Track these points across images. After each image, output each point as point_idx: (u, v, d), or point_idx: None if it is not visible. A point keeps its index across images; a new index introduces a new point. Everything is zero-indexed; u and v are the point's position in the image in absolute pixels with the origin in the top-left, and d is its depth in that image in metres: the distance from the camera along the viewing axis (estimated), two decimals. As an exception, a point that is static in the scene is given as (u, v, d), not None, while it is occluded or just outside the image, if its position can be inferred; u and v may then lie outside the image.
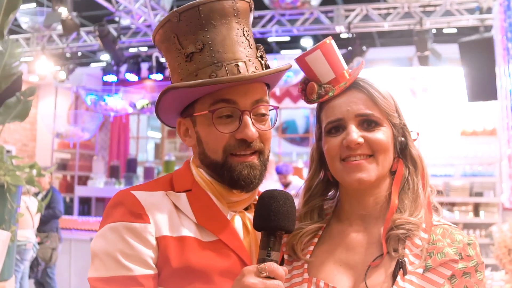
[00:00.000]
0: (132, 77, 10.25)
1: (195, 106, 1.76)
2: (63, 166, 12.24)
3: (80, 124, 11.08)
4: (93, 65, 14.81)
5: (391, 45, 12.55)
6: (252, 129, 1.68)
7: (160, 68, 10.33)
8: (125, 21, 9.66)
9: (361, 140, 1.67)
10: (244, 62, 1.70)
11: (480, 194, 10.15)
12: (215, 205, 1.75)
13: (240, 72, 1.68)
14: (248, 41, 1.75)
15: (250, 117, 1.69)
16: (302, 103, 12.15)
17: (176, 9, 1.73)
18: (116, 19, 9.00)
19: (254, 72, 1.71)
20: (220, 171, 1.73)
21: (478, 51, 7.94)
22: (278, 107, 1.84)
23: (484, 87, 7.88)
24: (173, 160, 11.51)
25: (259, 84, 1.75)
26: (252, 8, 1.81)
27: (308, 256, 1.73)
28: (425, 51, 9.02)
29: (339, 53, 1.78)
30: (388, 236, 1.64)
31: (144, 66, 10.61)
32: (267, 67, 1.80)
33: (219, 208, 1.75)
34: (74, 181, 12.17)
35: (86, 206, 12.41)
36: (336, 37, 11.82)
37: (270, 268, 1.46)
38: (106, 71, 10.46)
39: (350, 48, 9.59)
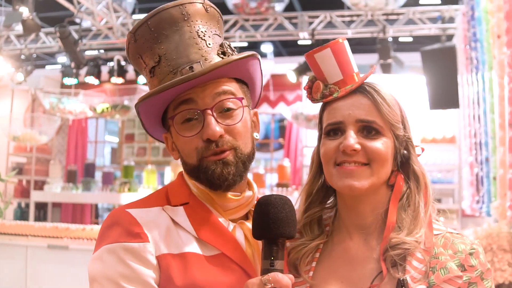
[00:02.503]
0: (92, 80, 10.05)
1: (167, 117, 1.73)
2: (18, 170, 11.92)
3: (37, 127, 10.79)
4: (49, 67, 14.50)
5: (353, 52, 12.63)
6: (214, 128, 1.62)
7: (121, 72, 10.16)
8: (85, 23, 9.46)
9: (357, 146, 1.61)
10: (199, 62, 1.64)
11: (439, 201, 10.23)
12: (215, 217, 1.68)
13: (193, 72, 1.61)
14: (205, 41, 1.70)
15: (213, 114, 1.63)
16: (263, 108, 12.19)
17: (130, 30, 1.72)
18: (77, 20, 8.79)
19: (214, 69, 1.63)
20: (197, 174, 1.68)
21: (440, 60, 8.04)
22: (243, 98, 1.74)
23: (445, 95, 7.98)
24: (132, 165, 11.31)
25: (222, 79, 1.69)
26: (208, 8, 1.75)
27: (311, 273, 1.66)
28: (387, 59, 9.10)
29: (350, 54, 1.71)
30: (385, 256, 1.57)
31: (105, 69, 10.42)
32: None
33: (219, 220, 1.68)
34: (30, 186, 11.86)
35: (42, 211, 12.09)
36: (294, 43, 11.85)
37: (275, 279, 1.39)
38: (65, 73, 10.23)
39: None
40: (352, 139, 1.61)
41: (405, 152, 1.70)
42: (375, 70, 1.76)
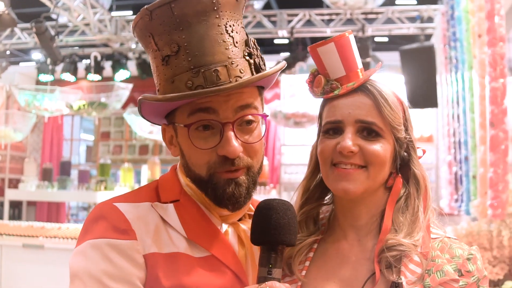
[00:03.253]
0: (68, 77, 9.90)
1: (175, 114, 1.59)
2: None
3: (11, 125, 10.61)
4: (23, 64, 14.29)
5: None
6: (234, 144, 1.51)
7: (98, 69, 10.03)
8: (62, 19, 9.33)
9: (355, 148, 1.56)
10: (225, 66, 1.50)
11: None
12: (206, 217, 1.61)
13: (220, 79, 1.48)
14: (233, 38, 1.55)
15: (233, 129, 1.52)
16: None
17: (146, 6, 1.54)
18: (54, 16, 8.66)
19: (239, 76, 1.51)
20: (204, 187, 1.58)
21: (419, 59, 8.07)
22: (267, 116, 1.65)
23: (424, 95, 8.01)
24: (108, 163, 11.18)
25: (246, 89, 1.55)
26: None
27: (304, 272, 1.61)
28: (366, 57, 9.11)
29: (355, 49, 1.65)
30: (380, 258, 1.53)
31: (81, 66, 10.28)
32: (257, 65, 1.59)
33: (210, 220, 1.61)
34: (4, 184, 11.68)
35: (17, 210, 11.92)
36: (271, 42, 11.84)
37: None
38: (41, 70, 10.06)
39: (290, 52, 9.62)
40: (349, 140, 1.56)
41: (405, 154, 1.65)
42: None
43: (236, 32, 1.57)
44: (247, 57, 1.57)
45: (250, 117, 1.57)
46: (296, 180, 11.00)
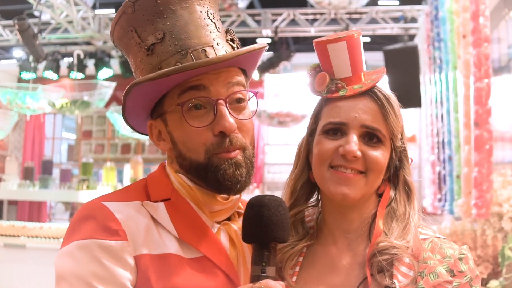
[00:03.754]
0: (51, 75, 9.81)
1: (164, 103, 1.57)
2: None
3: (-8, 123, 10.49)
4: (4, 61, 14.15)
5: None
6: (229, 119, 1.49)
7: (81, 67, 9.96)
8: (44, 16, 9.24)
9: (359, 153, 1.53)
10: (212, 46, 1.53)
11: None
12: (198, 217, 1.56)
13: (208, 57, 1.49)
14: (215, 24, 1.58)
15: (226, 105, 1.51)
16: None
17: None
18: (37, 13, 8.57)
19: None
20: (203, 173, 1.53)
21: (402, 59, 8.10)
22: (257, 92, 1.64)
23: (408, 95, 8.03)
24: (91, 162, 11.09)
25: (233, 68, 1.56)
26: None
27: (294, 278, 1.59)
28: (350, 57, 9.14)
29: (362, 51, 1.61)
30: (371, 262, 1.51)
31: (64, 64, 10.20)
32: (238, 49, 1.59)
33: (202, 220, 1.56)
34: (-16, 183, 11.54)
35: (-3, 209, 11.82)
36: (253, 41, 11.82)
37: (267, 287, 1.30)
38: (23, 68, 9.97)
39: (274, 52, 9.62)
40: (354, 144, 1.53)
41: (397, 163, 1.64)
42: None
43: (217, 20, 1.61)
44: (230, 42, 1.60)
45: (240, 95, 1.57)
46: (280, 179, 11.02)
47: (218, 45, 1.54)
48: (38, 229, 7.77)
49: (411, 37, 9.04)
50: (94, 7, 9.58)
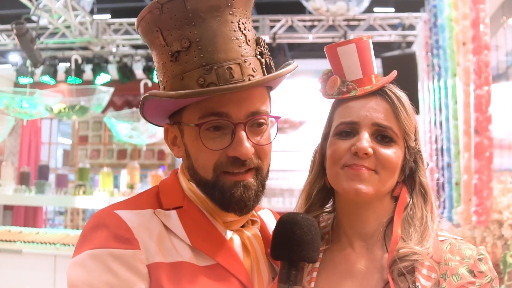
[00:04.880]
0: (48, 79, 9.78)
1: (182, 114, 1.53)
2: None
3: (-12, 128, 10.44)
4: (1, 66, 14.11)
5: (314, 57, 12.70)
6: (247, 145, 1.47)
7: (79, 72, 9.93)
8: (42, 21, 9.22)
9: (370, 150, 1.53)
10: (239, 64, 1.46)
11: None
12: (211, 224, 1.55)
13: (233, 77, 1.44)
14: (245, 36, 1.51)
15: (245, 130, 1.47)
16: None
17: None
18: (34, 18, 8.55)
19: (252, 75, 1.47)
20: (210, 190, 1.52)
21: (400, 66, 8.08)
22: (279, 117, 1.62)
23: (406, 102, 8.03)
24: (87, 168, 11.07)
25: (257, 89, 1.51)
26: None
27: (312, 284, 1.58)
28: (348, 64, 9.14)
29: (373, 54, 1.63)
30: (392, 269, 1.50)
31: (61, 68, 10.16)
32: (268, 65, 1.56)
33: (215, 228, 1.55)
34: (-20, 188, 11.47)
35: (-7, 214, 11.76)
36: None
37: None
38: (20, 72, 9.93)
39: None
40: (366, 141, 1.54)
41: (412, 164, 1.64)
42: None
43: (248, 30, 1.54)
44: (259, 56, 1.54)
45: (261, 120, 1.54)
46: (277, 186, 10.98)
47: (245, 62, 1.48)
48: (35, 234, 7.74)
49: (409, 44, 9.04)
50: (92, 12, 9.56)
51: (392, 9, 10.86)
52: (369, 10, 9.43)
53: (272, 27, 9.54)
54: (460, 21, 5.22)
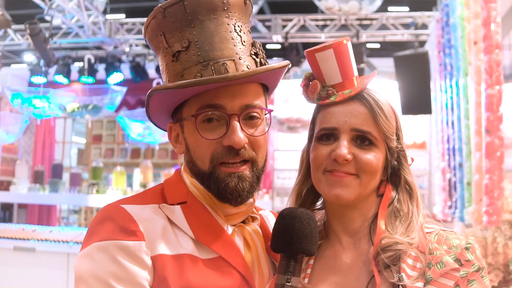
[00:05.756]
0: (61, 79, 9.85)
1: (182, 110, 1.62)
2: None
3: (3, 126, 10.55)
4: (15, 66, 14.22)
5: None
6: (240, 135, 1.54)
7: (92, 71, 9.99)
8: (56, 21, 9.29)
9: (349, 156, 1.57)
10: (233, 60, 1.55)
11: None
12: (213, 219, 1.61)
13: (228, 72, 1.53)
14: (241, 37, 1.60)
15: (239, 121, 1.55)
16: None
17: (160, 4, 1.59)
18: (48, 18, 8.62)
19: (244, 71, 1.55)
20: (207, 181, 1.60)
21: (413, 66, 8.09)
22: (272, 110, 1.69)
23: (418, 101, 8.03)
24: (101, 167, 11.16)
25: (251, 85, 1.60)
26: (247, 1, 1.65)
27: (306, 280, 1.61)
28: (360, 63, 9.12)
29: (352, 56, 1.66)
30: (377, 260, 1.53)
31: (74, 68, 10.24)
32: (263, 64, 1.63)
33: (217, 222, 1.61)
34: (-5, 186, 11.60)
35: (7, 212, 11.84)
36: (264, 46, 11.84)
37: None
38: (34, 72, 10.01)
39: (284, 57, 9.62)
40: (344, 148, 1.58)
41: (395, 163, 1.68)
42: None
43: (244, 33, 1.63)
44: (254, 56, 1.62)
45: (254, 114, 1.61)
46: (289, 185, 10.99)
47: (240, 59, 1.57)
48: (48, 233, 7.80)
49: (422, 44, 9.01)
50: (105, 12, 9.61)
51: (407, 8, 10.81)
52: (383, 9, 9.42)
53: (284, 26, 9.55)
54: (472, 20, 5.21)
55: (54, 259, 7.30)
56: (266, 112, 1.67)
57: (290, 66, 1.68)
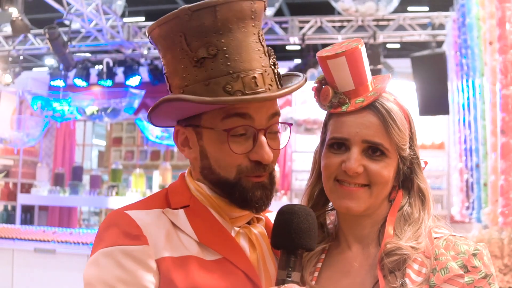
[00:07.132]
0: (80, 82, 9.96)
1: (202, 117, 1.59)
2: (6, 172, 11.79)
3: (24, 130, 10.69)
4: (36, 69, 14.39)
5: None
6: (268, 151, 1.55)
7: (110, 74, 10.09)
8: (74, 25, 9.40)
9: (360, 169, 1.57)
10: (261, 73, 1.54)
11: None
12: (217, 221, 1.62)
13: (257, 86, 1.52)
14: (263, 47, 1.59)
15: (265, 135, 1.56)
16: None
17: (188, 6, 1.53)
18: (67, 22, 8.72)
19: (271, 85, 1.56)
20: (231, 190, 1.59)
21: (430, 66, 8.04)
22: (292, 124, 1.72)
23: (435, 102, 7.98)
24: (120, 169, 11.26)
25: None
26: (266, 6, 1.63)
27: (313, 282, 1.62)
28: (378, 64, 9.09)
29: (366, 61, 1.61)
30: (382, 265, 1.53)
31: (93, 71, 10.34)
32: (279, 75, 1.64)
33: (221, 224, 1.61)
34: (16, 189, 11.71)
35: (28, 214, 11.97)
36: (282, 48, 11.85)
37: None
38: (53, 75, 10.13)
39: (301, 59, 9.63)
40: (355, 161, 1.56)
41: (407, 170, 1.65)
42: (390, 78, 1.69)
43: (264, 42, 1.61)
44: (273, 67, 1.61)
45: (278, 128, 1.63)
46: (307, 186, 10.97)
47: (265, 72, 1.55)
48: (68, 235, 7.88)
49: (439, 44, 8.96)
50: (123, 15, 9.70)
51: (426, 8, 10.76)
52: (402, 9, 9.38)
53: (301, 28, 9.55)
54: (487, 20, 5.17)
55: (74, 261, 7.36)
56: (286, 125, 1.70)
57: (307, 67, 1.69)
